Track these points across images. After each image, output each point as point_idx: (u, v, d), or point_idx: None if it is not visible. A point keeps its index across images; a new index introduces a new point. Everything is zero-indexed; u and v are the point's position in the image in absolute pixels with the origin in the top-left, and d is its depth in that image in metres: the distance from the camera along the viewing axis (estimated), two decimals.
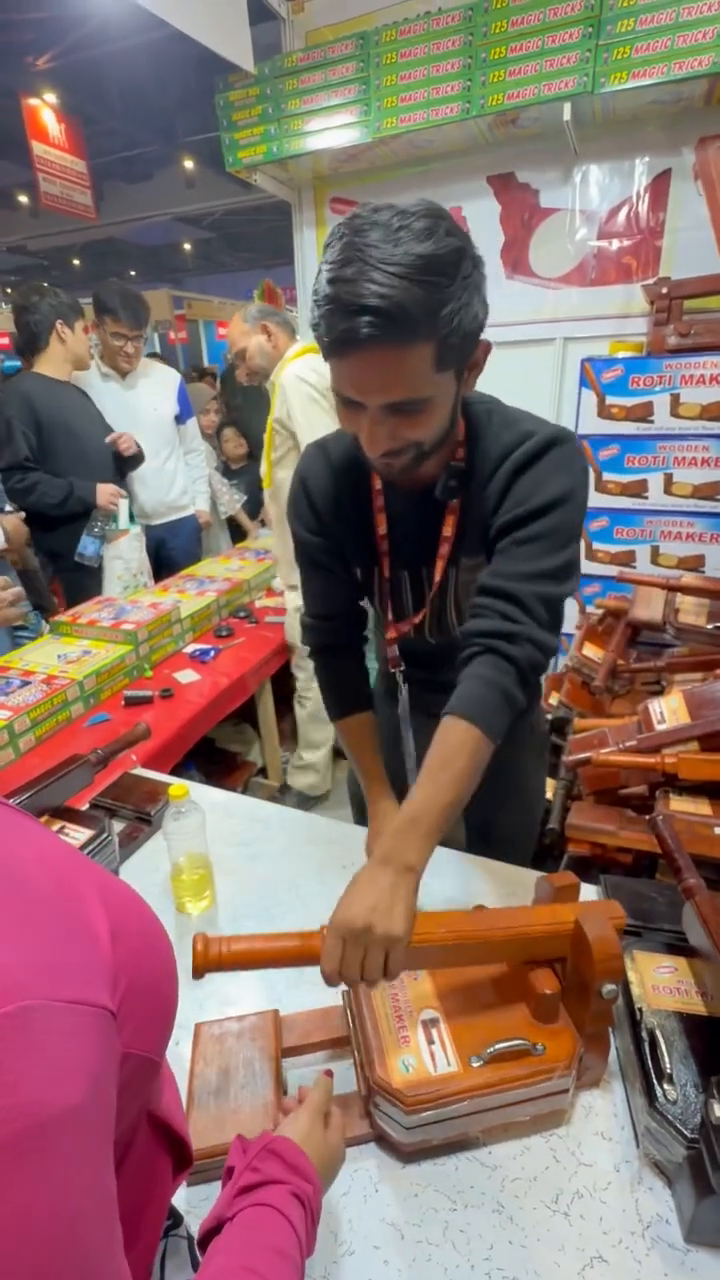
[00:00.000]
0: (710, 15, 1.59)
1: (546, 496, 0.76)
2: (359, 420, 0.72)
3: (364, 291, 0.61)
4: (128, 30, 4.69)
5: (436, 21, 1.86)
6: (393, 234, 0.62)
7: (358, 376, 0.68)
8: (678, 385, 1.89)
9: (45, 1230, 0.25)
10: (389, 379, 0.67)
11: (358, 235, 0.63)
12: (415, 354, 0.66)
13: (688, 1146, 0.59)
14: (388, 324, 0.62)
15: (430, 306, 0.63)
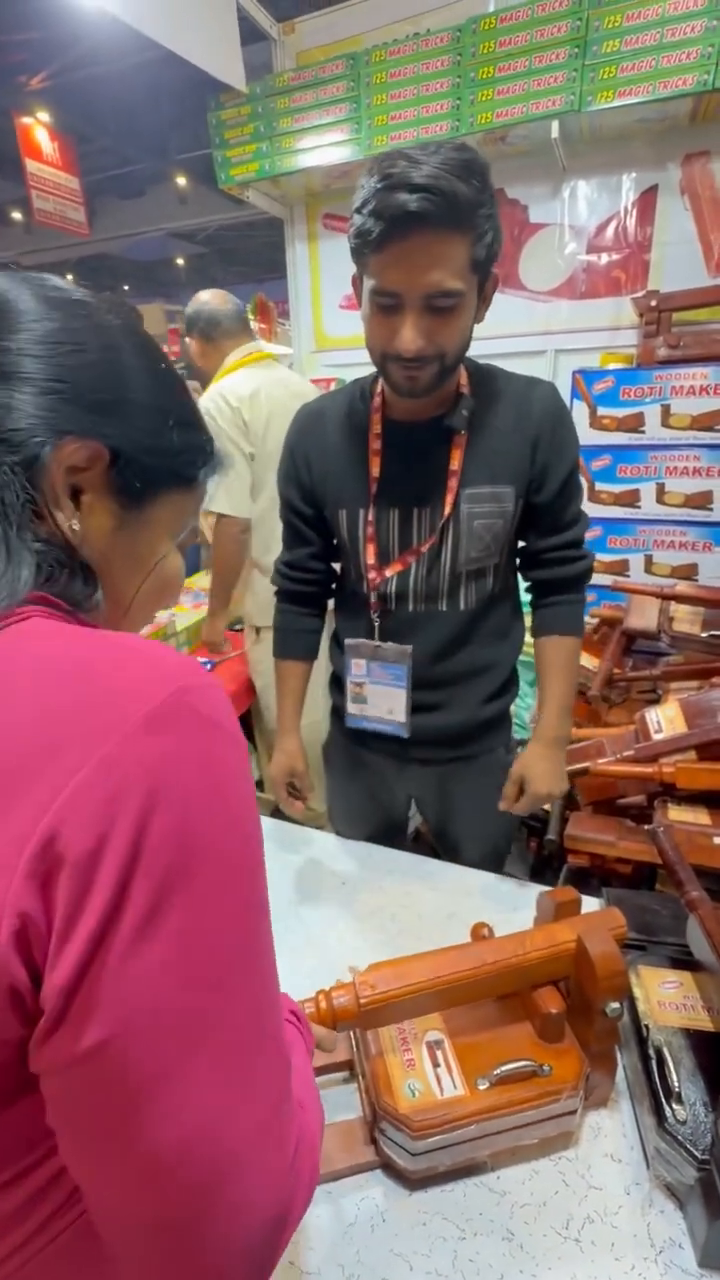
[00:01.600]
0: (694, 36, 1.63)
1: (575, 447, 0.96)
2: (395, 321, 0.79)
3: (415, 177, 0.70)
4: (121, 51, 4.75)
5: (425, 42, 1.89)
6: (432, 149, 0.73)
7: (403, 260, 0.74)
8: (668, 396, 1.90)
9: (248, 804, 0.35)
10: (434, 263, 0.74)
11: (398, 151, 0.73)
12: (457, 243, 0.74)
13: (699, 1168, 0.58)
14: (440, 203, 0.70)
15: (472, 201, 0.72)
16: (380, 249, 0.75)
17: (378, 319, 0.81)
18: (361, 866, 1.08)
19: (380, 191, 0.72)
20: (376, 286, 0.78)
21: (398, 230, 0.73)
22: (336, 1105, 0.71)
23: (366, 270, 0.80)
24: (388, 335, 0.81)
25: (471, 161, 0.73)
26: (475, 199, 0.73)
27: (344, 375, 2.65)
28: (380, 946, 0.91)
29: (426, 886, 1.03)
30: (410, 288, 0.76)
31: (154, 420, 0.41)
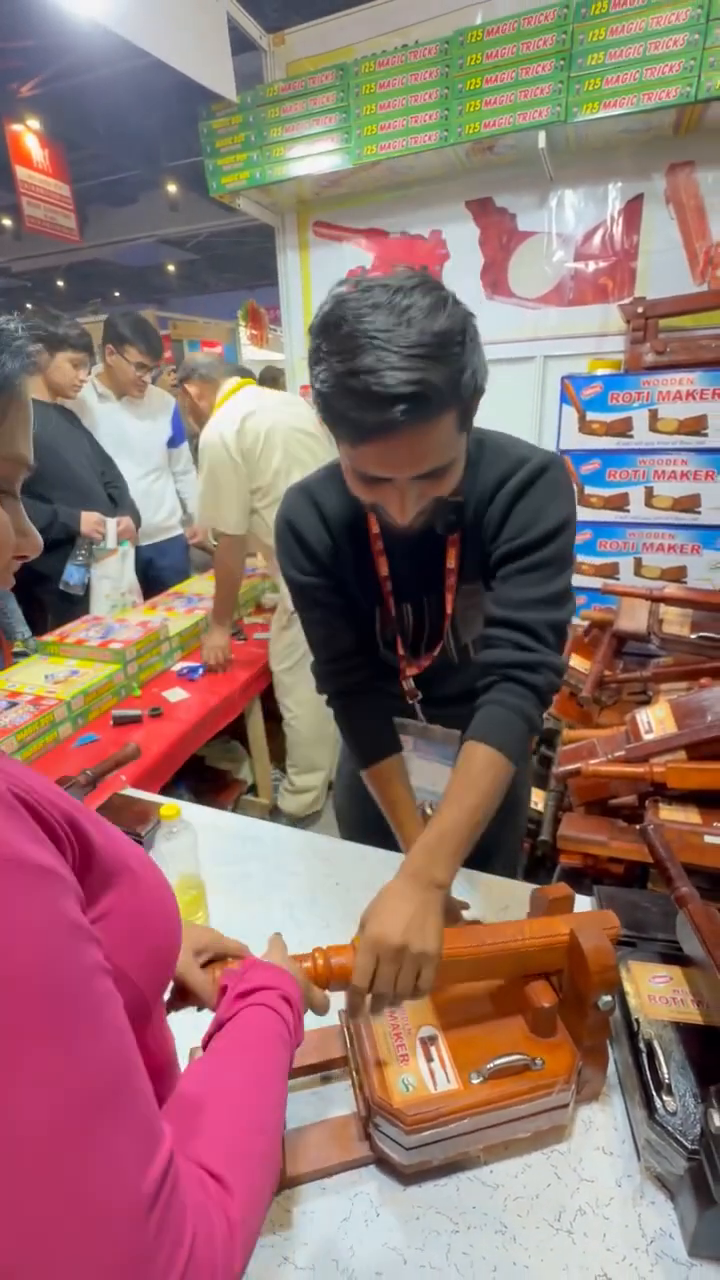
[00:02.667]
0: (676, 50, 1.66)
1: (546, 524, 0.79)
2: (384, 492, 0.72)
3: (391, 380, 0.60)
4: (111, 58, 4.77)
5: (414, 54, 1.92)
6: (399, 315, 0.61)
7: (388, 457, 0.67)
8: (655, 401, 1.93)
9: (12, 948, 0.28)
10: (422, 453, 0.68)
11: (360, 322, 0.62)
12: (443, 425, 0.66)
13: (688, 1158, 0.59)
14: (422, 407, 0.62)
15: (452, 378, 0.63)
16: (357, 445, 0.68)
17: (362, 486, 0.73)
18: (356, 867, 1.08)
19: (347, 394, 0.62)
20: (358, 470, 0.71)
21: (375, 437, 0.65)
22: (330, 1102, 0.72)
23: (340, 448, 0.72)
24: (376, 498, 0.74)
25: (449, 329, 0.62)
26: (457, 370, 0.64)
27: None
28: None
29: None
30: (399, 473, 0.69)
31: None
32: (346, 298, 0.65)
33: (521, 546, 0.80)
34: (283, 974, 0.55)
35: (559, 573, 0.81)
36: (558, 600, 0.81)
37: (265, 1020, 0.50)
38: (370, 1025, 0.70)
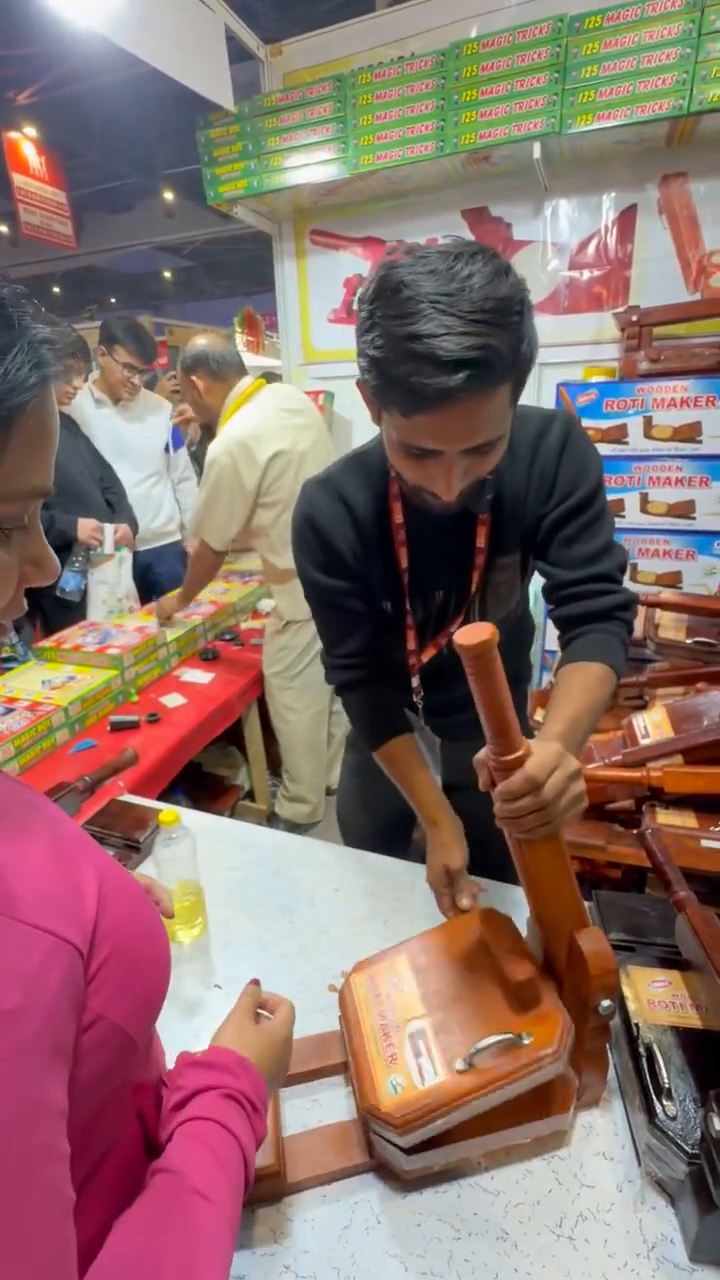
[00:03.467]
0: (669, 63, 1.68)
1: (593, 479, 0.85)
2: (430, 468, 0.70)
3: (453, 345, 0.59)
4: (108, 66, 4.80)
5: (410, 66, 1.94)
6: (461, 281, 0.60)
7: (443, 428, 0.65)
8: (650, 408, 1.95)
9: None
10: (477, 425, 0.66)
11: (419, 287, 0.60)
12: (500, 395, 0.65)
13: (689, 1163, 0.59)
14: (484, 374, 0.60)
15: (513, 346, 0.62)
16: (410, 416, 0.65)
17: (408, 461, 0.72)
18: (354, 872, 1.08)
19: (407, 359, 0.60)
20: (406, 443, 0.69)
21: (434, 405, 0.62)
22: (330, 1108, 0.72)
23: (389, 419, 0.69)
24: (422, 476, 0.72)
25: (509, 296, 0.61)
26: (517, 339, 0.62)
27: (332, 387, 2.68)
28: (374, 951, 0.92)
29: (418, 892, 1.03)
30: (452, 445, 0.67)
31: None
32: (400, 264, 0.63)
33: (578, 504, 0.84)
34: (224, 1055, 0.49)
35: (610, 520, 0.88)
36: (615, 544, 0.89)
37: (203, 1139, 0.42)
38: (361, 1031, 0.70)
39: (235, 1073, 0.48)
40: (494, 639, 0.55)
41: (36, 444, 0.35)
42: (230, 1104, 0.46)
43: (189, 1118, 0.44)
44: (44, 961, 0.31)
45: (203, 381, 1.88)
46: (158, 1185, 0.40)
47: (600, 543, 0.86)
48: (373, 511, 0.88)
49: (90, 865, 0.38)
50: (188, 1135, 0.43)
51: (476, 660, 0.56)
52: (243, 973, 0.89)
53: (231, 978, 0.89)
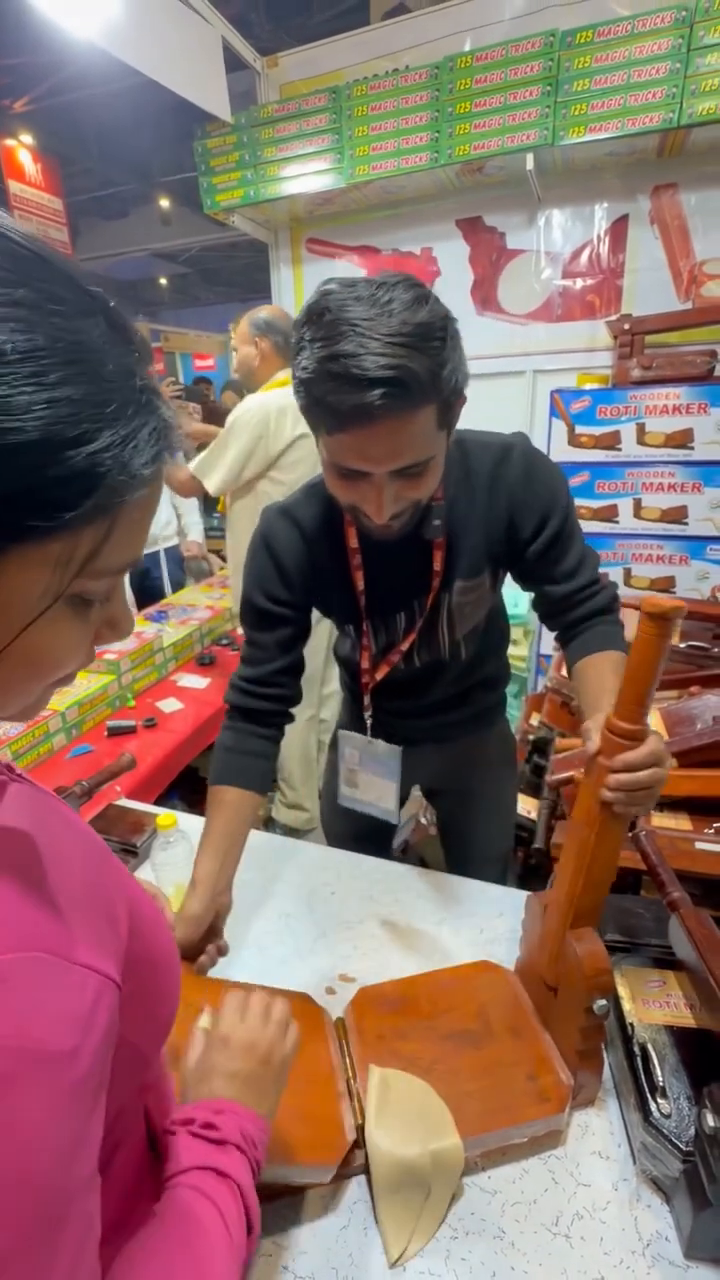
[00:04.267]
0: (659, 77, 1.71)
1: (564, 499, 0.88)
2: (362, 489, 0.72)
3: (369, 365, 0.61)
4: (105, 76, 4.82)
5: (405, 78, 1.97)
6: (381, 307, 0.63)
7: (366, 447, 0.67)
8: (642, 415, 1.97)
9: (14, 1153, 0.26)
10: (399, 445, 0.67)
11: (343, 311, 0.63)
12: (422, 417, 0.66)
13: (683, 1160, 0.60)
14: (400, 393, 0.62)
15: (433, 370, 0.64)
16: (335, 434, 0.68)
17: (340, 482, 0.73)
18: (350, 875, 1.09)
19: (327, 378, 0.63)
20: (336, 463, 0.71)
21: (354, 423, 0.65)
22: None
23: (320, 440, 0.72)
24: (354, 497, 0.74)
25: (429, 321, 0.63)
26: (437, 364, 0.64)
27: None
28: (371, 955, 0.93)
29: (415, 894, 1.04)
30: (377, 466, 0.69)
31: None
32: (331, 290, 0.66)
33: (557, 528, 0.87)
34: (229, 1112, 0.48)
35: (579, 530, 0.92)
36: (589, 549, 0.94)
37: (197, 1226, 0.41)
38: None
39: (224, 1131, 0.46)
40: (683, 610, 0.57)
41: (140, 523, 0.34)
42: (225, 1184, 0.44)
43: (184, 1186, 0.43)
44: (94, 1002, 0.31)
45: (266, 345, 1.91)
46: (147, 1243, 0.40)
47: (578, 554, 0.91)
48: (326, 536, 0.90)
49: (119, 890, 0.38)
50: (183, 1199, 0.42)
51: (662, 625, 0.56)
52: (239, 976, 0.90)
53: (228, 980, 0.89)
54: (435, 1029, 0.75)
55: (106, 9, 1.72)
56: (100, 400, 0.29)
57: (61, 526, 0.29)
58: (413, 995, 0.80)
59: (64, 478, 0.28)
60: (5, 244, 0.29)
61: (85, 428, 0.28)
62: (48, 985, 0.29)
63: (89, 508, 0.30)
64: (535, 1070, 0.70)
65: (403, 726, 1.05)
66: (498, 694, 1.15)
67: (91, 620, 0.35)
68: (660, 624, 0.56)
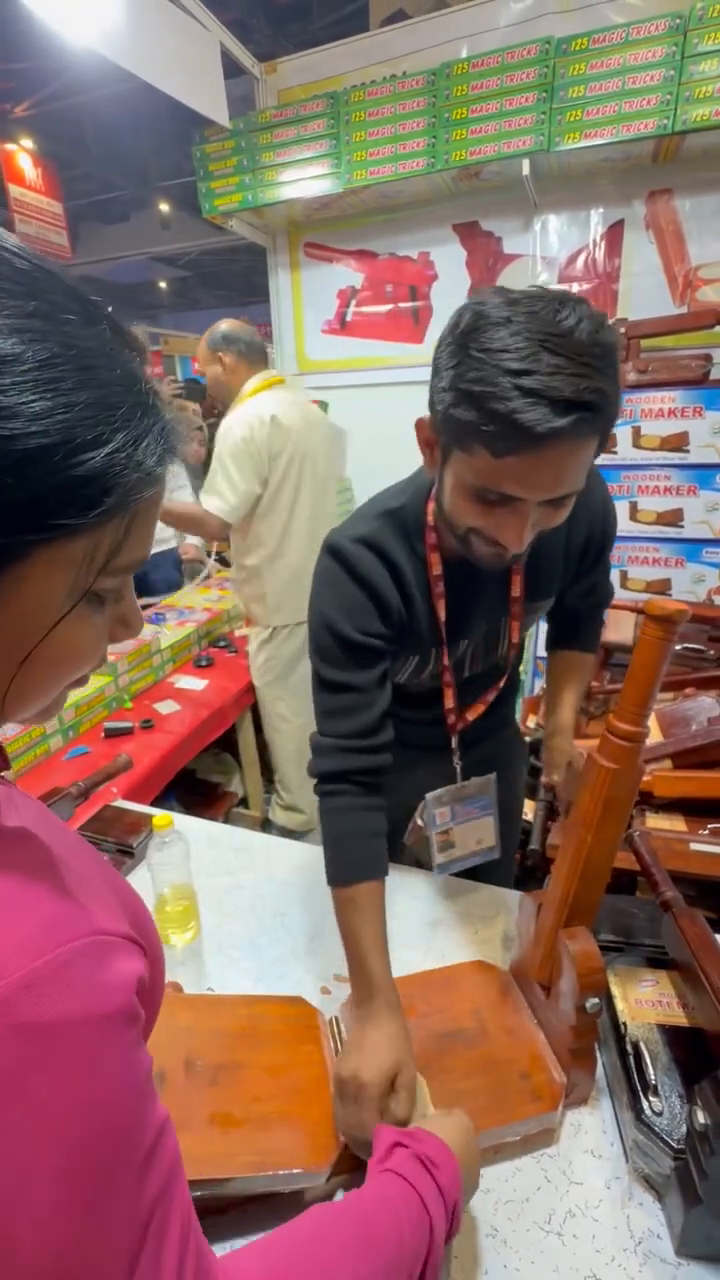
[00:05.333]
0: (653, 84, 1.73)
1: (615, 525, 0.95)
2: (500, 516, 0.67)
3: (565, 385, 0.56)
4: (105, 80, 4.85)
5: (402, 84, 1.98)
6: (568, 324, 0.58)
7: (534, 474, 0.62)
8: (638, 418, 1.98)
9: (98, 1105, 0.30)
10: (565, 474, 0.63)
11: (522, 324, 0.58)
12: (591, 446, 0.63)
13: (675, 1157, 0.60)
14: (592, 418, 0.59)
15: (615, 398, 0.61)
16: (501, 457, 0.61)
17: (477, 507, 0.67)
18: None
19: (513, 394, 0.57)
20: (485, 487, 0.65)
21: (533, 447, 0.59)
22: None
23: (469, 458, 0.65)
24: (489, 524, 0.68)
25: (612, 346, 0.60)
26: (617, 390, 0.61)
27: (326, 397, 2.71)
28: None
29: (409, 895, 1.04)
30: (537, 494, 0.64)
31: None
32: (493, 303, 0.61)
33: (606, 557, 0.96)
34: (423, 1135, 0.53)
35: None
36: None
37: (392, 1200, 0.46)
38: None
39: (424, 1140, 0.52)
40: (687, 613, 0.57)
41: (151, 521, 0.36)
42: (416, 1163, 0.49)
43: (383, 1170, 0.49)
44: (136, 964, 0.35)
45: (229, 358, 1.93)
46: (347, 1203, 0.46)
47: (606, 571, 0.99)
48: (413, 567, 0.83)
49: (113, 875, 0.43)
50: (377, 1181, 0.48)
51: (666, 628, 0.57)
52: (235, 977, 0.90)
53: (225, 982, 0.90)
54: (429, 1028, 0.76)
55: (105, 16, 1.73)
56: (112, 403, 0.31)
57: (86, 525, 0.31)
58: (407, 995, 0.80)
59: (85, 478, 0.30)
60: (7, 258, 0.31)
61: (101, 430, 0.30)
62: (104, 959, 0.32)
63: (110, 505, 0.32)
64: (528, 1069, 0.70)
65: (424, 734, 1.00)
66: (513, 698, 1.15)
67: (106, 618, 0.37)
68: (664, 627, 0.57)
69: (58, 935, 0.31)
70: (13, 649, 0.33)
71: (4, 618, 0.32)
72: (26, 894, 0.32)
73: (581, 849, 0.68)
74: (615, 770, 0.64)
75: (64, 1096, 0.29)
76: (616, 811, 0.66)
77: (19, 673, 0.34)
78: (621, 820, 0.67)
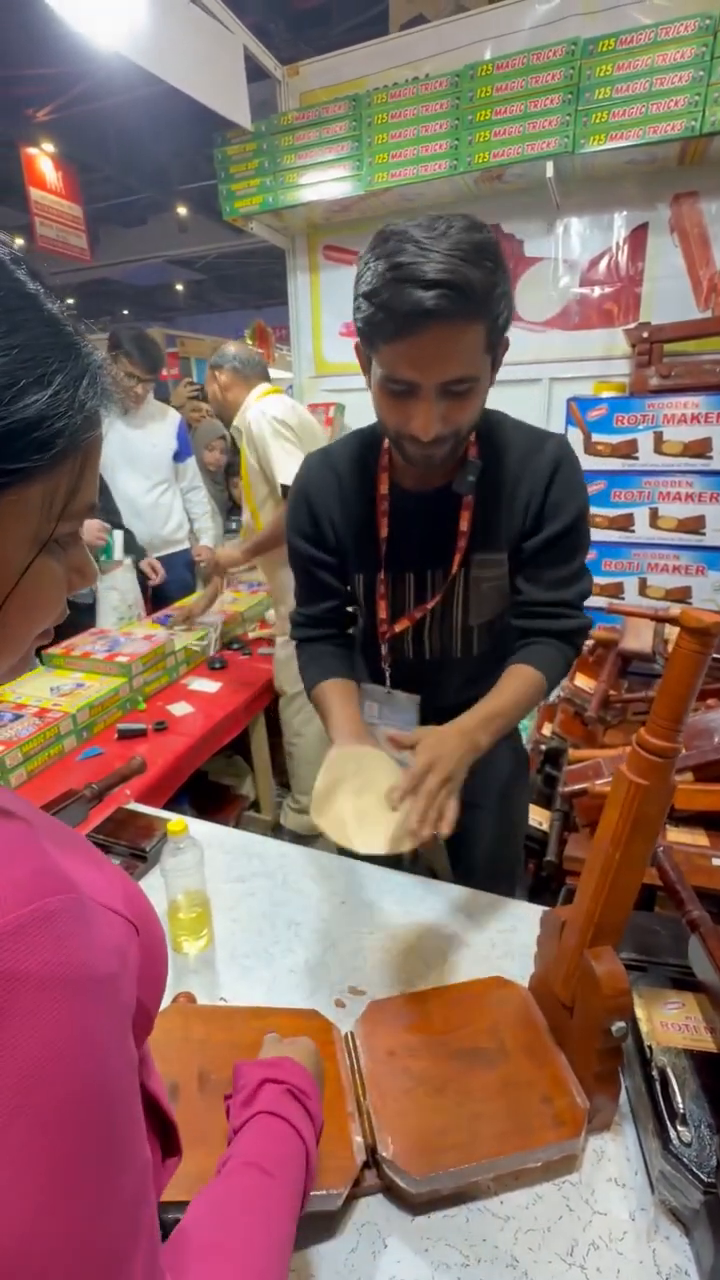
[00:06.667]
0: (681, 85, 1.70)
1: (577, 507, 0.90)
2: (411, 406, 0.76)
3: (429, 270, 0.67)
4: (126, 85, 4.89)
5: (425, 87, 1.97)
6: (440, 230, 0.69)
7: (419, 355, 0.72)
8: (660, 424, 1.95)
9: (79, 1062, 0.29)
10: (450, 355, 0.72)
11: (404, 233, 0.69)
12: (473, 331, 0.71)
13: (705, 1191, 0.58)
14: (457, 297, 0.67)
15: (487, 286, 0.69)
16: (392, 341, 0.72)
17: (390, 401, 0.78)
18: (360, 886, 1.07)
19: (390, 284, 0.68)
20: (389, 375, 0.75)
21: (412, 326, 0.70)
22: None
23: (376, 355, 0.77)
24: (402, 418, 0.78)
25: (484, 243, 0.69)
26: (489, 283, 0.70)
27: (343, 400, 2.70)
28: (381, 967, 0.91)
29: (426, 906, 1.03)
30: (425, 378, 0.73)
31: None
32: (393, 223, 0.72)
33: (560, 531, 0.89)
34: (286, 1064, 0.54)
35: (585, 550, 0.93)
36: (585, 572, 0.94)
37: (269, 1129, 0.49)
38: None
39: (290, 1070, 0.53)
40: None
41: (95, 465, 0.37)
42: (289, 1099, 0.51)
43: (255, 1112, 0.49)
44: (124, 939, 0.36)
45: (224, 376, 1.96)
46: (230, 1169, 0.46)
47: (571, 569, 0.93)
48: (358, 480, 0.94)
49: (106, 862, 0.43)
50: (254, 1127, 0.49)
51: (703, 640, 0.54)
52: (249, 987, 0.89)
53: (237, 992, 0.88)
54: (447, 1046, 0.74)
55: (132, 20, 1.74)
56: (45, 345, 0.32)
57: (41, 468, 0.32)
58: (425, 1010, 0.78)
59: (34, 421, 0.31)
60: None
61: (40, 371, 0.31)
62: (89, 922, 0.32)
63: (62, 446, 0.32)
64: (550, 1092, 0.68)
65: (392, 685, 1.06)
66: None
67: (63, 564, 0.38)
68: (700, 639, 0.55)
69: (43, 885, 0.30)
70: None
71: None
72: (12, 848, 0.31)
73: (609, 867, 0.65)
74: (645, 786, 0.61)
75: (42, 1050, 0.28)
76: (645, 830, 0.63)
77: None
78: (651, 839, 0.65)
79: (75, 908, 0.31)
